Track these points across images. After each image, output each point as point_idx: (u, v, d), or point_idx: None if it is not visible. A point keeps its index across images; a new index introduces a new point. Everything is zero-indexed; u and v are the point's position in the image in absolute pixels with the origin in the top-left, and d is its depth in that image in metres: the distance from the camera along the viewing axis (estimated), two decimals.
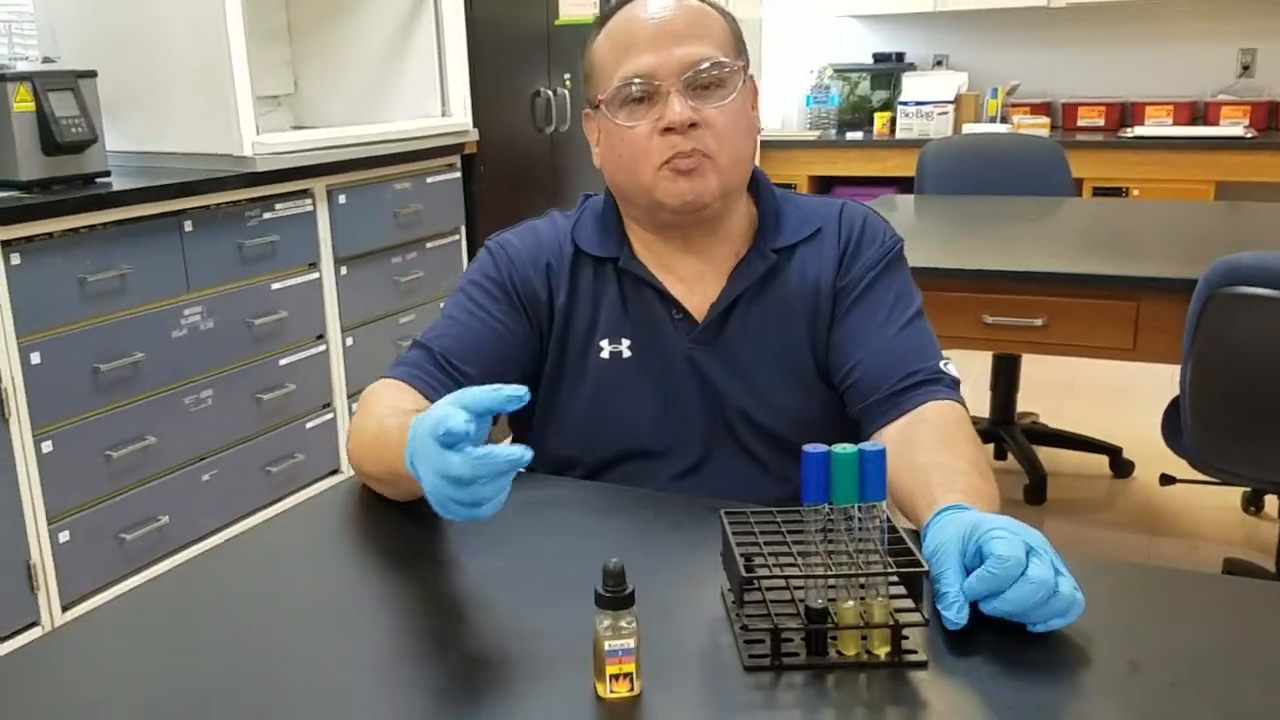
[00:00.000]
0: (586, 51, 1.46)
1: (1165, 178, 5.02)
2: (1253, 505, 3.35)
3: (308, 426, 3.29)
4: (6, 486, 2.48)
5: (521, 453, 0.95)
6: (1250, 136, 4.98)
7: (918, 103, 5.52)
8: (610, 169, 1.44)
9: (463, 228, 3.87)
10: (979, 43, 5.77)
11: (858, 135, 5.67)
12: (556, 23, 4.17)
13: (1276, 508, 3.36)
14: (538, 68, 4.15)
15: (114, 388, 2.68)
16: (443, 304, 1.50)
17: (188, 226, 2.84)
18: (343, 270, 3.35)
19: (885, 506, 0.98)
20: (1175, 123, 5.28)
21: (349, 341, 3.40)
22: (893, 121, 5.64)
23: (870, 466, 0.96)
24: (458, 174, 3.80)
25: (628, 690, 0.90)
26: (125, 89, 3.13)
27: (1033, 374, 4.01)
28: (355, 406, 3.41)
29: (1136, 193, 5.03)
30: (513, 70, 4.05)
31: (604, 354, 1.47)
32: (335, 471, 3.41)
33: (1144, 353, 2.56)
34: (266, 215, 3.07)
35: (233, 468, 3.03)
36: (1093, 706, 0.90)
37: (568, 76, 4.25)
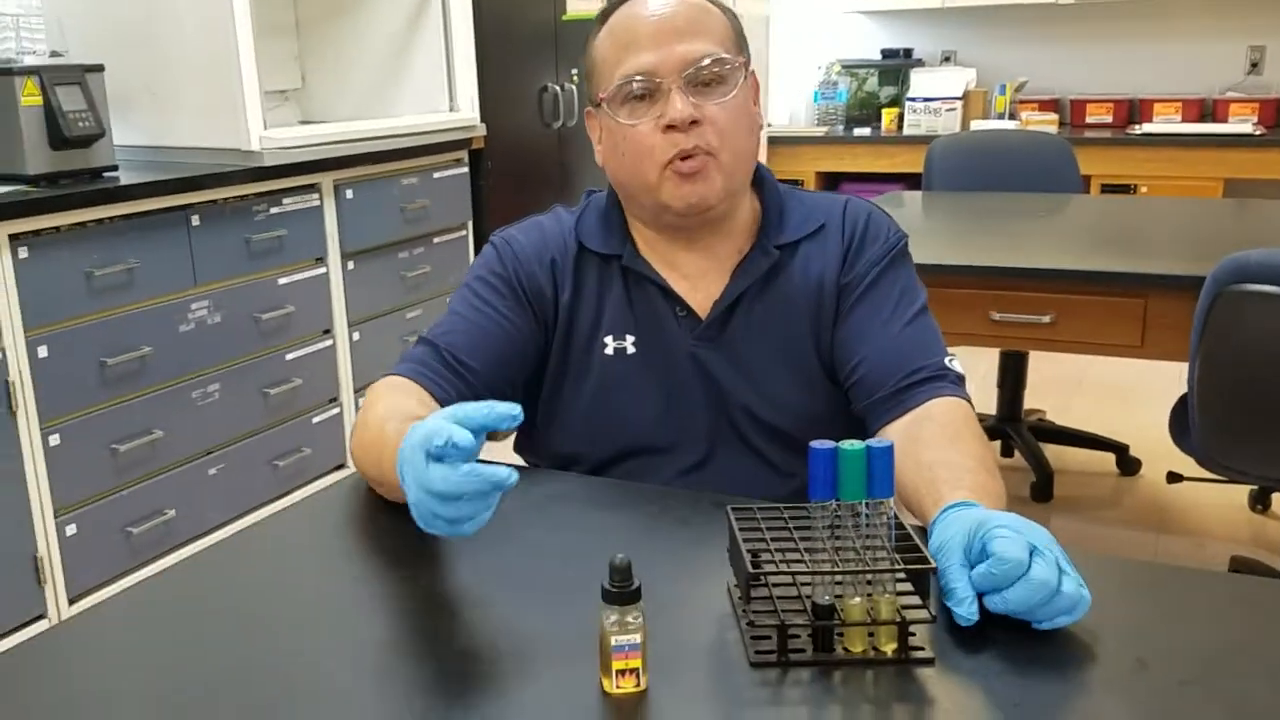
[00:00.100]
0: (588, 49, 1.45)
1: (1173, 175, 5.01)
2: (1260, 503, 3.34)
3: (314, 421, 3.29)
4: (14, 479, 2.48)
5: (508, 475, 0.94)
6: (1259, 134, 4.97)
7: (926, 99, 5.51)
8: (613, 167, 1.44)
9: (470, 223, 3.87)
10: (987, 39, 5.76)
11: (865, 131, 5.66)
12: (564, 18, 4.17)
13: None
14: (545, 63, 4.15)
15: (121, 381, 2.68)
16: (448, 299, 1.50)
17: (195, 221, 2.84)
18: (350, 265, 3.35)
19: (893, 503, 0.98)
20: (1184, 120, 5.26)
21: (355, 336, 3.40)
22: (900, 118, 5.63)
23: (878, 463, 0.95)
24: (465, 169, 3.80)
25: (634, 686, 0.90)
26: (133, 83, 3.14)
27: (1040, 371, 4.00)
28: (362, 401, 3.41)
29: (1145, 190, 5.02)
30: (520, 65, 4.05)
31: (608, 350, 1.46)
32: (341, 466, 3.41)
33: (1152, 350, 2.55)
34: (274, 210, 3.08)
35: (239, 462, 3.04)
36: (1100, 704, 0.89)
37: (575, 72, 4.25)
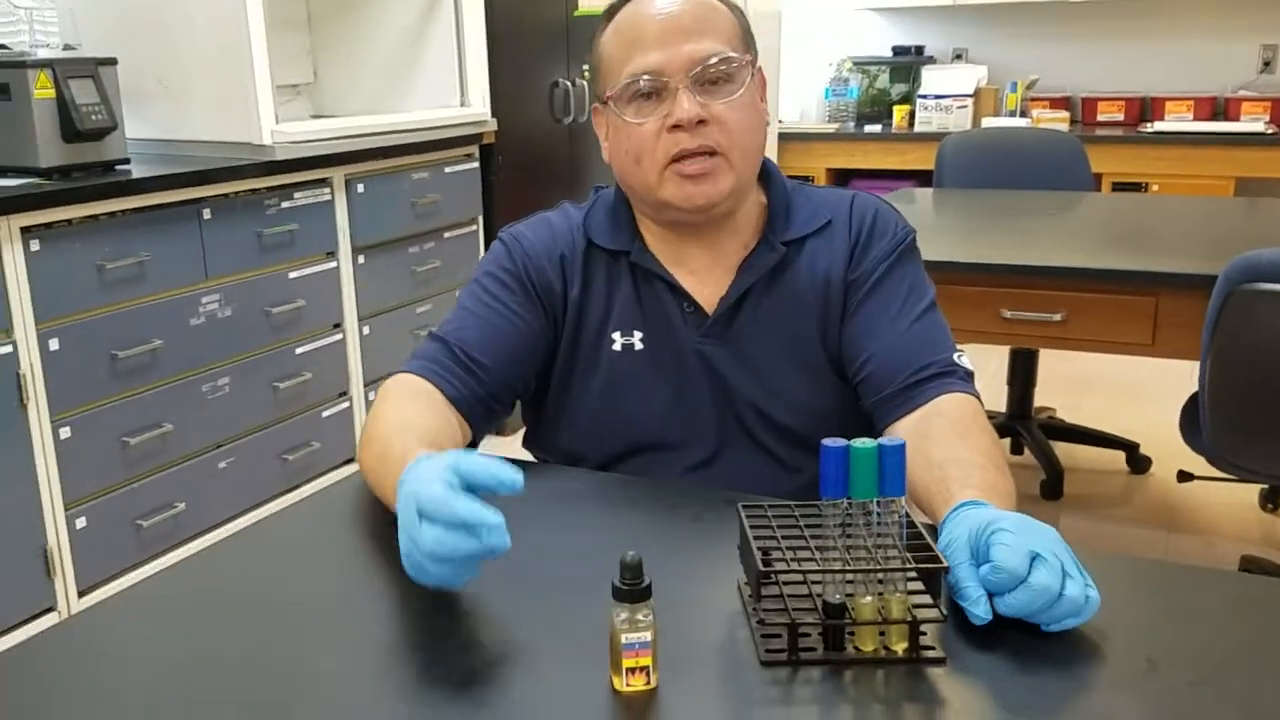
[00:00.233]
0: (594, 46, 1.45)
1: (1185, 173, 4.99)
2: (1270, 503, 3.34)
3: (324, 415, 3.30)
4: (24, 472, 2.49)
5: (500, 541, 0.93)
6: (1271, 132, 4.94)
7: (937, 96, 5.50)
8: (618, 165, 1.44)
9: (480, 218, 3.87)
10: (999, 36, 5.75)
11: (876, 128, 5.65)
12: (575, 13, 4.16)
13: None
14: (556, 58, 4.15)
15: (132, 375, 2.69)
16: (458, 295, 1.50)
17: (206, 214, 2.85)
18: (360, 259, 3.35)
19: (904, 502, 0.98)
20: (1195, 118, 5.24)
21: (366, 330, 3.41)
22: (911, 115, 5.62)
23: (890, 461, 0.95)
24: (476, 164, 3.80)
25: (644, 684, 0.90)
26: (145, 76, 3.14)
27: (1050, 369, 4.00)
28: (372, 396, 3.41)
29: (1156, 188, 5.01)
30: (531, 61, 4.05)
31: (616, 346, 1.46)
32: (351, 460, 3.41)
33: (1163, 349, 2.55)
34: (285, 204, 3.08)
35: (249, 455, 3.04)
36: (1111, 705, 0.89)
37: (586, 67, 4.24)
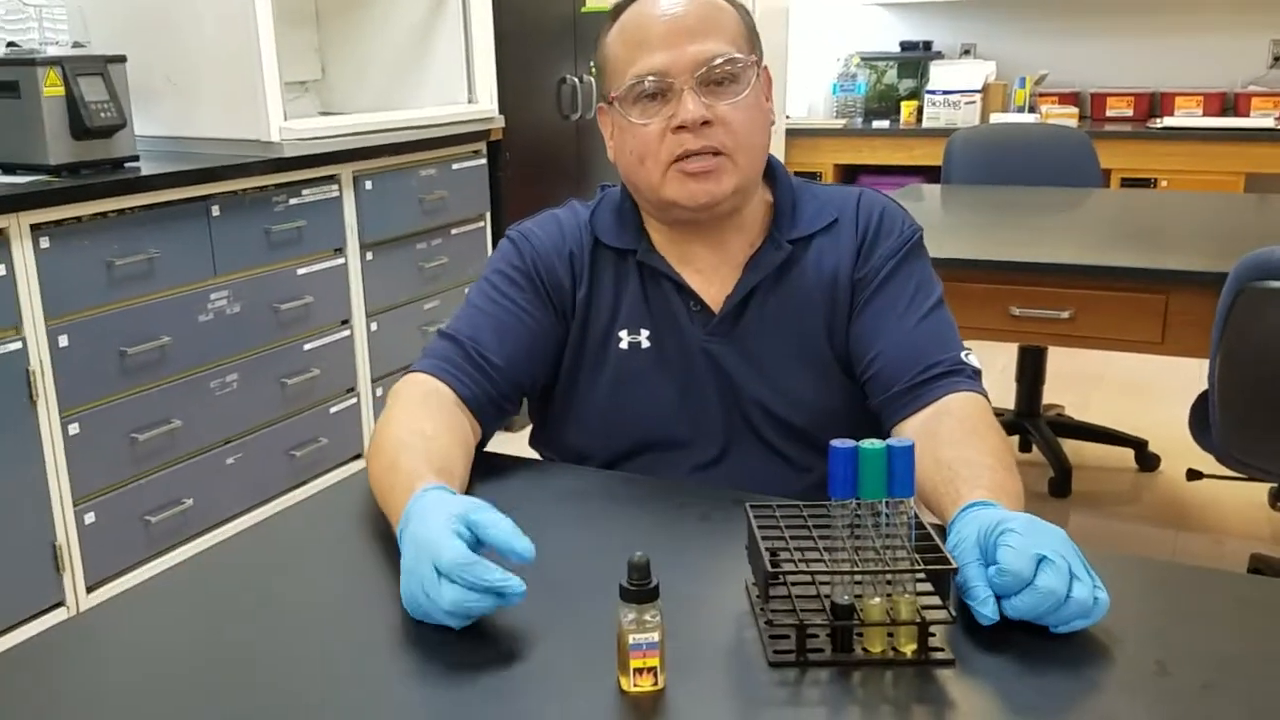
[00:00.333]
0: (599, 46, 1.45)
1: (1194, 169, 4.97)
2: None
3: (331, 411, 3.30)
4: (33, 468, 2.49)
5: (516, 589, 0.96)
6: None
7: (945, 92, 5.48)
8: (623, 165, 1.44)
9: (488, 214, 3.87)
10: (1007, 32, 5.73)
11: (884, 124, 5.64)
12: (583, 10, 4.16)
13: None
14: (564, 55, 4.15)
15: (141, 371, 2.69)
16: (466, 292, 1.50)
17: (215, 211, 2.85)
18: (368, 256, 3.35)
19: (913, 502, 0.98)
20: (1205, 114, 5.22)
21: (373, 327, 3.41)
22: (919, 110, 5.60)
23: (898, 462, 0.95)
24: (483, 161, 3.80)
25: (651, 684, 0.90)
26: (154, 74, 3.14)
27: (1059, 366, 3.99)
28: (380, 392, 3.41)
29: (1165, 184, 4.99)
30: (539, 57, 4.05)
31: (623, 344, 1.46)
32: (358, 456, 3.41)
33: (1172, 346, 2.53)
34: (293, 201, 3.08)
35: (257, 451, 3.05)
36: (1120, 707, 0.89)
37: (593, 64, 4.24)
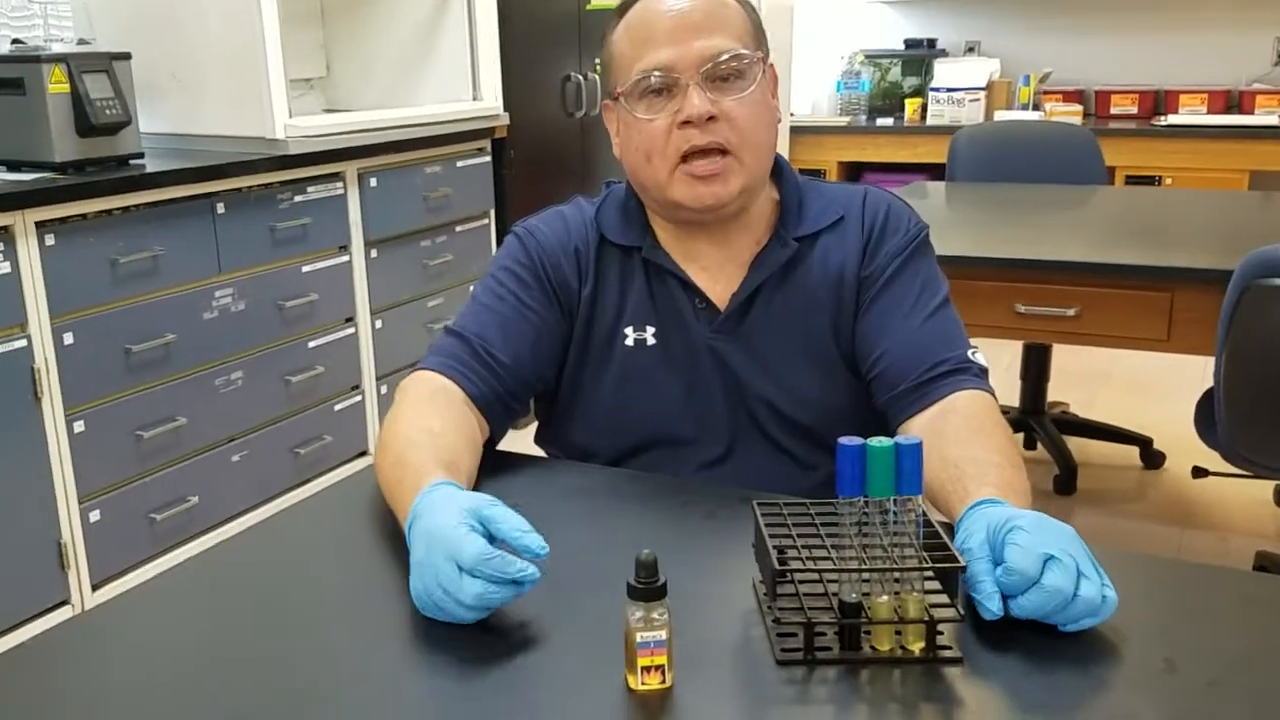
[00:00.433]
0: (605, 43, 1.45)
1: (1199, 167, 4.96)
2: None
3: (336, 409, 3.30)
4: (38, 466, 2.50)
5: (532, 575, 0.98)
6: None
7: (949, 89, 5.47)
8: (629, 161, 1.44)
9: (492, 212, 3.87)
10: (1011, 29, 5.72)
11: (888, 121, 5.63)
12: (587, 7, 4.16)
13: None
14: (568, 52, 4.14)
15: (145, 369, 2.69)
16: (472, 289, 1.50)
17: (220, 209, 2.85)
18: (373, 253, 3.35)
19: (921, 500, 0.98)
20: (1209, 111, 5.22)
21: (378, 324, 3.41)
22: (924, 108, 5.60)
23: (906, 460, 0.95)
24: (488, 158, 3.80)
25: (659, 682, 0.90)
26: (159, 71, 3.14)
27: (1064, 364, 3.98)
28: (384, 390, 3.41)
29: (1170, 182, 4.98)
30: (544, 55, 4.04)
31: (628, 341, 1.46)
32: (363, 454, 3.42)
33: (1178, 344, 2.53)
34: (298, 198, 3.08)
35: (262, 449, 3.05)
36: (1129, 704, 0.89)
37: (598, 61, 4.23)
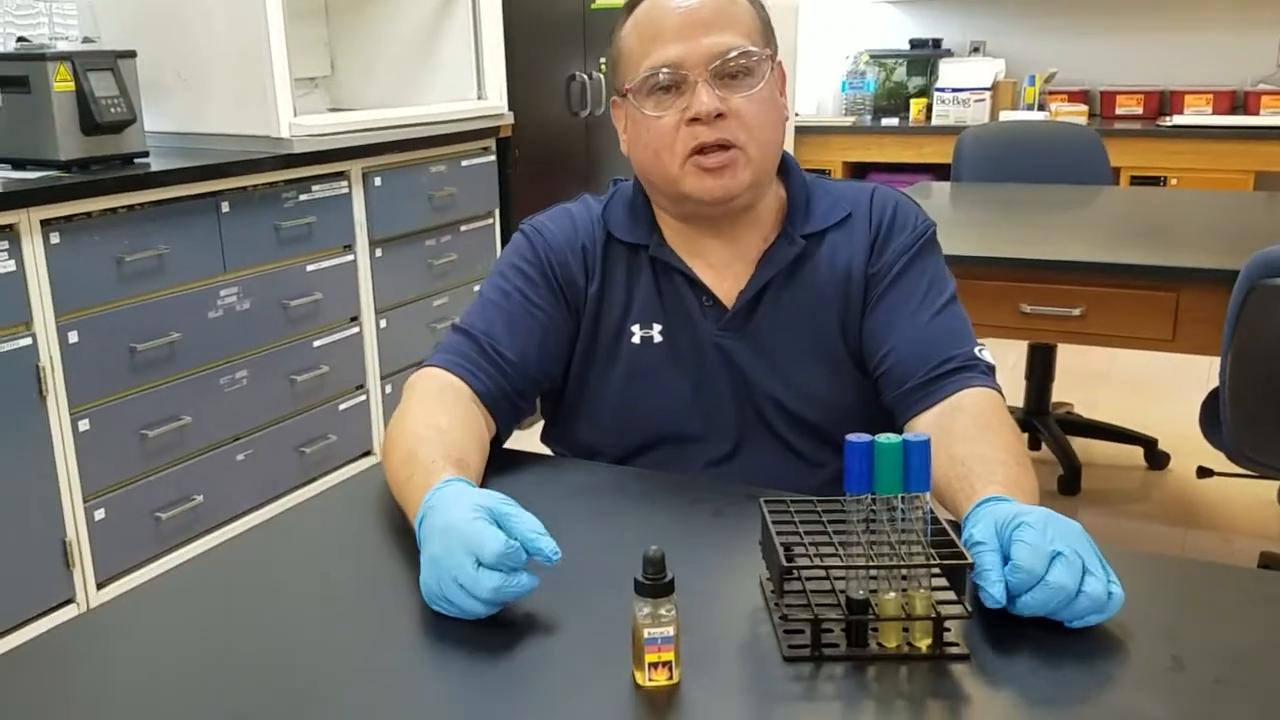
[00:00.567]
0: (613, 40, 1.45)
1: (1204, 167, 4.96)
2: None
3: (341, 408, 3.30)
4: (43, 464, 2.50)
5: (550, 553, 1.00)
6: None
7: (954, 89, 5.47)
8: (637, 158, 1.44)
9: (497, 211, 3.87)
10: (1016, 29, 5.72)
11: (893, 121, 5.63)
12: (592, 6, 4.16)
13: None
14: (573, 51, 4.14)
15: (150, 367, 2.69)
16: (478, 288, 1.50)
17: (225, 207, 2.85)
18: (377, 252, 3.35)
19: (928, 498, 0.98)
20: (1214, 112, 5.21)
21: (383, 324, 3.41)
22: (929, 108, 5.60)
23: (914, 457, 0.95)
24: (492, 157, 3.80)
25: (666, 679, 0.90)
26: (164, 69, 3.15)
27: (1068, 364, 3.98)
28: (389, 390, 3.41)
29: (1175, 182, 4.98)
30: (548, 54, 4.05)
31: (635, 339, 1.46)
32: (368, 453, 3.42)
33: (1183, 344, 2.53)
34: (303, 197, 3.08)
35: (267, 448, 3.05)
36: (1136, 701, 0.89)
37: (603, 61, 4.24)
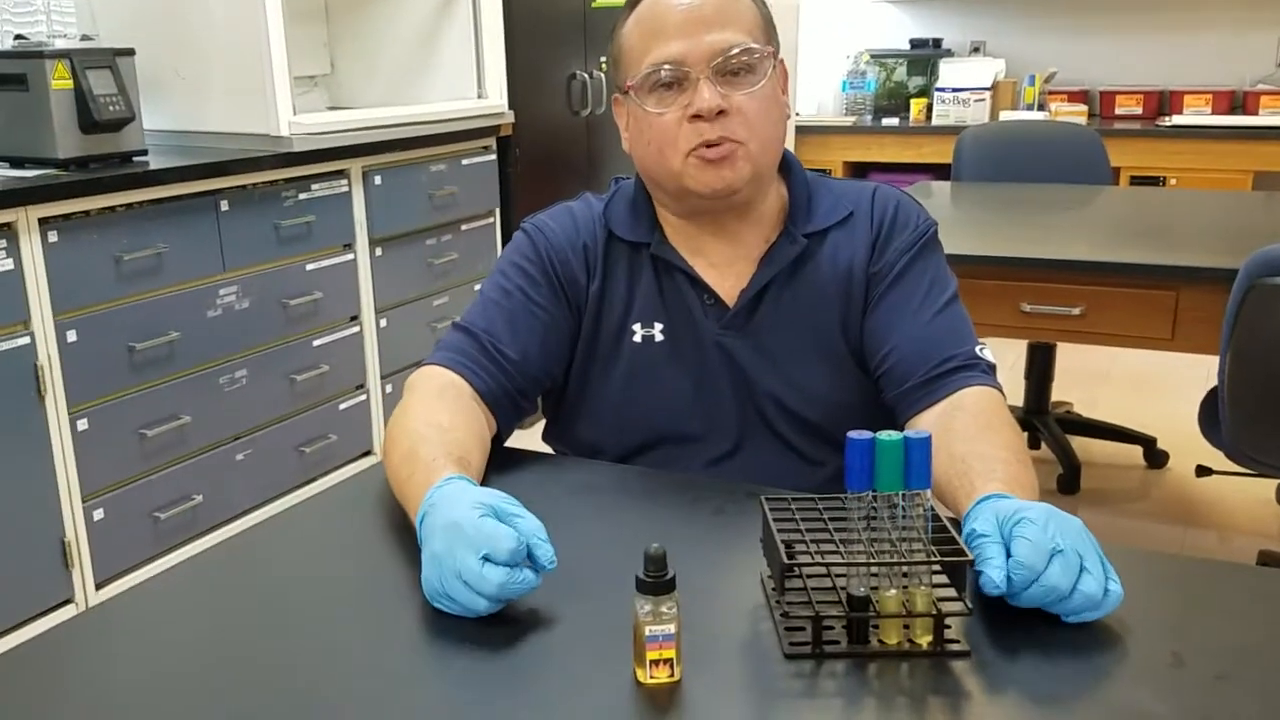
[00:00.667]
0: (615, 37, 1.45)
1: (1203, 167, 4.96)
2: None
3: (341, 408, 3.30)
4: (42, 464, 2.50)
5: (549, 560, 1.01)
6: None
7: (954, 89, 5.47)
8: (639, 155, 1.44)
9: (497, 210, 3.87)
10: (1016, 29, 5.72)
11: (894, 121, 5.63)
12: (593, 5, 4.16)
13: None
14: (574, 50, 4.14)
15: (149, 367, 2.69)
16: (479, 286, 1.50)
17: (224, 206, 2.85)
18: (377, 251, 3.35)
19: (929, 495, 0.98)
20: (1214, 112, 5.21)
21: (383, 323, 3.41)
22: (929, 108, 5.60)
23: (915, 454, 0.95)
24: (493, 156, 3.80)
25: (668, 676, 0.90)
26: (163, 67, 3.14)
27: (1067, 363, 3.98)
28: (389, 389, 3.41)
29: (1174, 182, 4.98)
30: (549, 53, 4.04)
31: (636, 337, 1.46)
32: (368, 453, 3.42)
33: (1182, 343, 2.53)
34: (302, 196, 3.08)
35: (266, 448, 3.05)
36: (1137, 698, 0.89)
37: (604, 59, 4.24)
